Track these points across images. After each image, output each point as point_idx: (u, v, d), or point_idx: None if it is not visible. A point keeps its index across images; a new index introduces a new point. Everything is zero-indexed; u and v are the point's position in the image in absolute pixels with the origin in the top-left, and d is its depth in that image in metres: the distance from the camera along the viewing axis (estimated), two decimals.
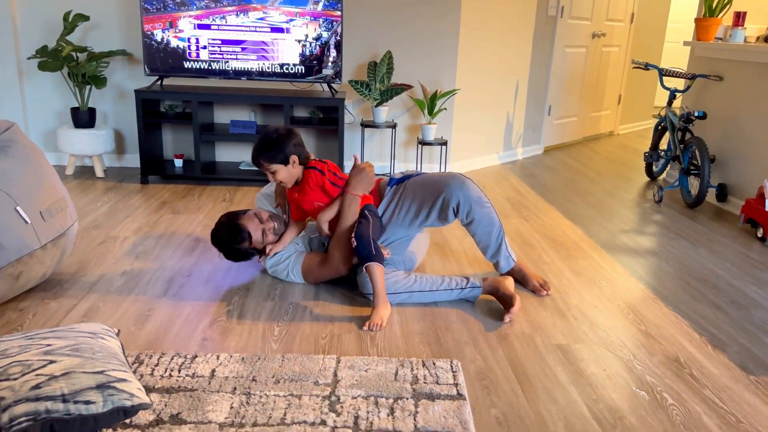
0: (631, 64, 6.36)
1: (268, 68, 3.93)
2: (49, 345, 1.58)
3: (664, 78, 5.11)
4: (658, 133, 4.44)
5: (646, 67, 4.21)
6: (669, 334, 2.21)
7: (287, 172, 2.35)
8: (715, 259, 3.00)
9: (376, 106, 4.08)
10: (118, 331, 1.86)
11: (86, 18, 3.82)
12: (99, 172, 4.06)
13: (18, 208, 2.14)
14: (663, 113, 4.32)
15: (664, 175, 4.73)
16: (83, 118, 3.95)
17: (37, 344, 1.58)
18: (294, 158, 2.33)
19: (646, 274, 2.77)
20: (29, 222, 2.17)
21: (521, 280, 2.58)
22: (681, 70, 4.12)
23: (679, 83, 7.40)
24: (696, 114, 3.81)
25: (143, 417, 1.59)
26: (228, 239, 2.45)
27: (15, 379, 1.45)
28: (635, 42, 6.31)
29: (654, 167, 4.63)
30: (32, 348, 1.56)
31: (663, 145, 5.52)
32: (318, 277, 2.48)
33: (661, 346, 2.12)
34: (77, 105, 4.15)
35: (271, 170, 2.33)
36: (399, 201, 2.54)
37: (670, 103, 4.22)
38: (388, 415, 1.64)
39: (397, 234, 2.57)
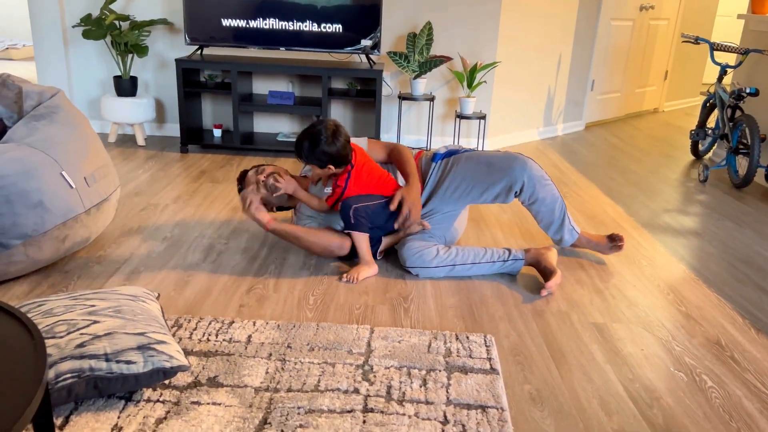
0: (680, 38, 6.14)
1: (307, 38, 3.91)
2: (92, 306, 1.63)
3: (715, 53, 4.92)
4: (706, 111, 4.29)
5: (697, 41, 4.05)
6: (710, 316, 2.16)
7: (322, 172, 2.35)
8: (761, 241, 2.91)
9: (415, 78, 4.03)
10: (158, 295, 1.91)
11: None
12: (140, 141, 4.13)
13: (63, 172, 2.20)
14: (712, 90, 4.16)
15: (710, 154, 4.58)
16: (125, 86, 4.01)
17: (81, 305, 1.63)
18: (330, 166, 2.31)
19: (688, 255, 2.70)
20: (74, 187, 2.22)
21: (595, 248, 2.59)
22: (733, 45, 3.96)
23: (731, 58, 7.11)
24: (748, 90, 3.66)
25: (182, 379, 1.63)
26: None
27: (61, 337, 1.50)
28: (685, 15, 6.07)
29: (700, 146, 4.48)
30: (77, 308, 1.61)
31: (710, 123, 5.34)
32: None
33: (702, 327, 2.07)
34: (120, 74, 4.21)
35: (308, 163, 2.35)
36: (448, 176, 2.50)
37: (720, 79, 4.06)
38: (421, 386, 1.65)
39: (445, 208, 2.51)
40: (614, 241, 2.57)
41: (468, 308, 2.13)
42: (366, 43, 3.92)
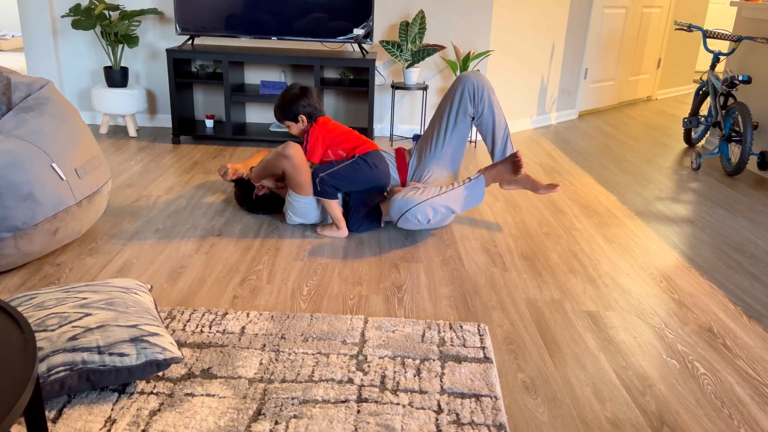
0: (673, 26, 6.13)
1: (299, 28, 3.88)
2: (84, 298, 1.62)
3: (708, 40, 4.92)
4: (699, 98, 4.29)
5: (689, 28, 4.04)
6: (703, 303, 2.17)
7: (298, 128, 2.68)
8: (754, 228, 2.92)
9: (408, 67, 4.01)
10: (151, 286, 1.90)
11: None
12: (132, 132, 4.10)
13: (54, 164, 2.18)
14: (705, 77, 4.16)
15: (703, 141, 4.59)
16: (116, 77, 3.97)
17: (73, 297, 1.62)
18: (302, 117, 2.65)
19: (681, 243, 2.71)
20: (64, 179, 2.21)
21: (530, 187, 2.76)
22: (726, 32, 3.95)
23: (724, 46, 7.12)
24: (740, 78, 3.66)
25: (175, 370, 1.63)
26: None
27: (52, 330, 1.49)
28: (678, 2, 6.06)
29: (693, 133, 4.48)
30: (68, 301, 1.60)
31: (703, 110, 5.34)
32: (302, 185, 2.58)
33: (695, 315, 2.08)
34: (110, 64, 4.17)
35: (285, 125, 2.70)
36: (424, 138, 2.81)
37: (713, 66, 4.06)
38: (415, 376, 1.65)
39: (435, 161, 2.76)
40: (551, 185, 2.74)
41: (461, 297, 2.13)
42: (358, 32, 3.90)
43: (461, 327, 1.91)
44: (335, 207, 2.59)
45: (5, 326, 1.04)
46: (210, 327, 1.85)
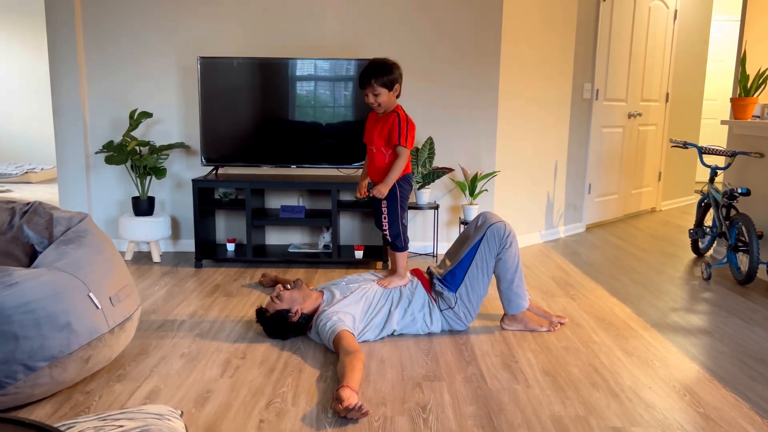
0: (669, 142, 6.43)
1: (316, 156, 4.13)
2: (121, 426, 1.66)
3: (705, 155, 5.15)
4: (702, 210, 4.43)
5: (685, 145, 4.27)
6: (729, 416, 2.16)
7: (388, 97, 2.76)
8: None
9: (419, 188, 4.22)
10: (182, 412, 1.93)
11: (149, 115, 4.13)
12: (155, 257, 4.25)
13: (90, 294, 2.29)
14: (705, 190, 4.33)
15: (711, 251, 4.68)
16: (143, 206, 4.19)
17: (110, 425, 1.66)
18: (397, 86, 2.76)
19: (700, 354, 2.72)
20: (100, 307, 2.31)
21: (536, 325, 3.00)
22: (720, 148, 4.17)
23: (720, 160, 7.39)
24: (739, 191, 3.82)
25: None
26: (278, 324, 2.80)
27: None
28: (672, 120, 6.40)
29: (700, 244, 4.58)
30: (106, 429, 1.64)
31: (708, 221, 5.48)
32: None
33: (722, 429, 2.07)
34: (138, 194, 4.41)
35: (376, 92, 2.74)
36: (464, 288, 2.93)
37: (711, 180, 4.24)
38: None
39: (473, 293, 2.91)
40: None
41: (487, 416, 2.14)
42: None
43: None
44: (405, 256, 2.94)
45: None
46: None
